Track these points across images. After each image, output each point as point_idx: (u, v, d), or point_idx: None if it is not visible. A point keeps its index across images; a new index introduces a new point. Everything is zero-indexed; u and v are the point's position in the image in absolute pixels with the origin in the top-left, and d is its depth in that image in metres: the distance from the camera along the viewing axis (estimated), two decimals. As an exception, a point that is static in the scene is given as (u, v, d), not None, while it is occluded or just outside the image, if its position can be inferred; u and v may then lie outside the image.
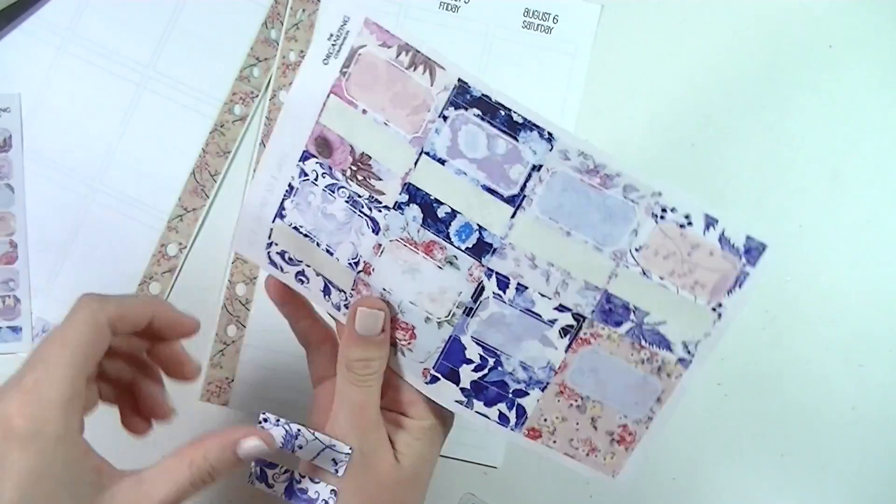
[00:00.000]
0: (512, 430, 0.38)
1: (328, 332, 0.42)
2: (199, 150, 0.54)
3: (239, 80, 0.54)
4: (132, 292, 0.52)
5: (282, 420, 0.35)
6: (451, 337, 0.37)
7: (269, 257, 0.39)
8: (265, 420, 0.35)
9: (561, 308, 0.36)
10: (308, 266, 0.38)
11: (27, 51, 0.54)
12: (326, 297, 0.39)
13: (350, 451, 0.36)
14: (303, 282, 0.39)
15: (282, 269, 0.39)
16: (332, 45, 0.36)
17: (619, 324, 0.36)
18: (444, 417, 0.39)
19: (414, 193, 0.36)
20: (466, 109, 0.35)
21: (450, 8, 0.55)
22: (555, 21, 0.55)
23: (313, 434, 0.35)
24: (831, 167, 0.56)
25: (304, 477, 0.37)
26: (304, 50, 0.54)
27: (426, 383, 0.38)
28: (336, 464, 0.36)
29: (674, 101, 0.56)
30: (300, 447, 0.35)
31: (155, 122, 0.54)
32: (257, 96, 0.54)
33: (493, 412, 0.38)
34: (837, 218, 0.55)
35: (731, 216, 0.35)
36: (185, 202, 0.53)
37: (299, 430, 0.35)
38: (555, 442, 0.38)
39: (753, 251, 0.35)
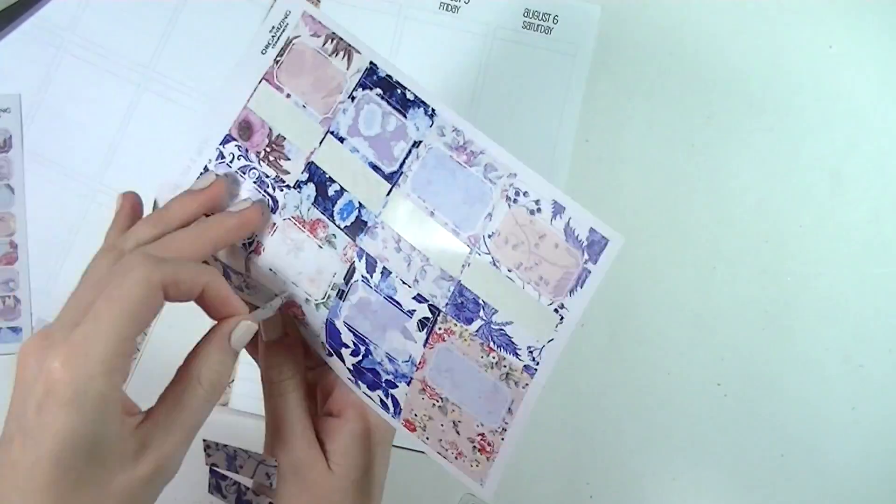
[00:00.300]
0: (393, 417, 0.38)
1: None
2: (199, 150, 0.54)
3: (239, 81, 0.54)
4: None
5: (221, 444, 0.36)
6: (327, 320, 0.37)
7: None
8: (208, 447, 0.36)
9: (419, 298, 0.36)
10: None
11: (27, 51, 0.54)
12: (228, 280, 0.38)
13: (275, 465, 0.36)
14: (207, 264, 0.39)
15: None
16: (272, 36, 0.38)
17: (469, 321, 0.35)
18: (378, 423, 0.38)
19: (314, 172, 0.37)
20: (371, 89, 0.37)
21: (450, 8, 0.55)
22: (555, 21, 0.55)
23: (247, 453, 0.36)
24: (831, 167, 0.56)
25: (248, 489, 0.37)
26: None
27: (327, 355, 0.38)
28: (269, 477, 0.36)
29: (674, 101, 0.56)
30: (240, 467, 0.36)
31: (155, 122, 0.54)
32: (257, 96, 0.54)
33: (375, 397, 0.38)
34: (837, 218, 0.55)
35: (578, 206, 0.34)
36: (185, 202, 0.53)
37: (236, 450, 0.36)
38: (427, 439, 0.37)
39: (595, 245, 0.34)
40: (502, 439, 0.36)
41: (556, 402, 0.53)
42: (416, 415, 0.37)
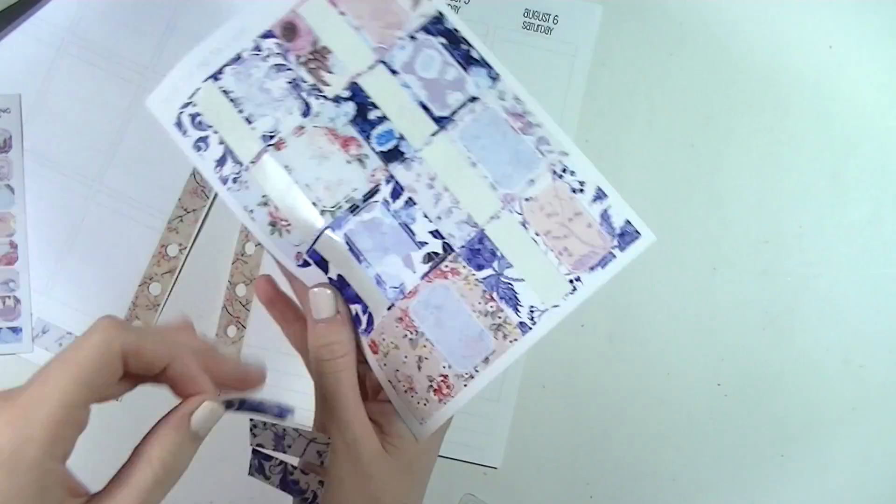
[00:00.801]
0: (361, 333, 0.39)
1: None
2: (199, 150, 0.54)
3: (239, 81, 0.54)
4: (133, 294, 0.52)
5: (269, 423, 0.35)
6: (326, 227, 0.38)
7: (179, 117, 0.40)
8: (254, 426, 0.35)
9: (436, 234, 0.38)
10: (216, 133, 0.39)
11: (27, 51, 0.54)
12: (218, 167, 0.39)
13: (328, 442, 0.36)
14: (199, 148, 0.40)
15: (185, 133, 0.40)
16: None
17: (480, 267, 0.37)
18: None
19: (356, 92, 0.39)
20: (435, 36, 0.39)
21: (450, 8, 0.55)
22: (555, 21, 0.55)
23: (297, 432, 0.36)
24: (831, 167, 0.56)
25: (296, 469, 0.37)
26: None
27: (297, 266, 0.39)
28: (320, 455, 0.36)
29: (674, 101, 0.56)
30: (289, 446, 0.36)
31: (155, 123, 0.54)
32: (257, 97, 0.54)
33: (352, 309, 0.39)
34: (837, 218, 0.55)
35: (620, 198, 0.37)
36: (185, 203, 0.53)
37: (284, 429, 0.36)
38: (385, 365, 0.38)
39: (627, 236, 0.37)
40: (465, 385, 0.37)
41: (556, 402, 0.53)
42: (384, 339, 0.38)
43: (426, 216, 0.38)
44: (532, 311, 0.37)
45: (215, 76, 0.40)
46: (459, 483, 0.52)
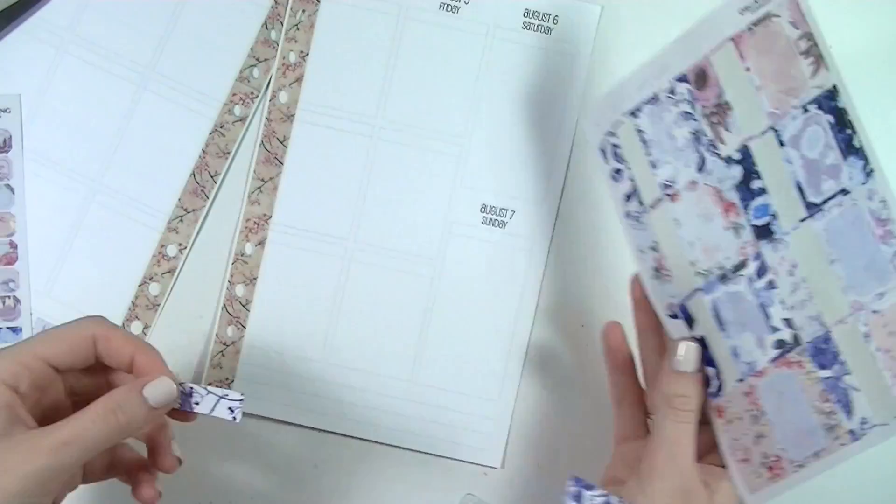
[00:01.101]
0: (710, 396, 0.40)
1: (641, 394, 0.44)
2: (198, 150, 0.54)
3: (239, 81, 0.54)
4: (133, 294, 0.52)
5: (183, 384, 0.38)
6: (697, 289, 0.40)
7: (602, 143, 0.42)
8: (182, 385, 0.38)
9: (788, 323, 0.39)
10: (628, 168, 0.41)
11: (27, 51, 0.54)
12: (626, 201, 0.42)
13: (242, 398, 0.38)
14: (615, 179, 0.42)
15: (605, 159, 0.42)
16: (754, 1, 0.39)
17: (822, 367, 0.38)
18: None
19: (746, 157, 0.39)
20: (825, 113, 0.38)
21: (450, 8, 0.55)
22: (555, 22, 0.55)
23: (206, 389, 0.38)
24: (831, 167, 0.56)
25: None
26: (304, 50, 0.54)
27: (667, 315, 0.41)
28: (232, 412, 0.38)
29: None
30: (196, 403, 0.38)
31: (155, 123, 0.54)
32: (257, 97, 0.54)
33: (707, 371, 0.41)
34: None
35: None
36: (184, 203, 0.53)
37: (192, 387, 0.38)
38: (727, 431, 0.40)
39: None
40: (794, 472, 0.39)
41: (556, 402, 0.53)
42: (730, 407, 0.40)
43: (782, 302, 0.39)
44: (863, 423, 0.38)
45: (634, 112, 0.41)
46: (459, 482, 0.52)
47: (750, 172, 0.39)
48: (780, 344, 0.39)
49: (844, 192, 0.37)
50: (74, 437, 0.33)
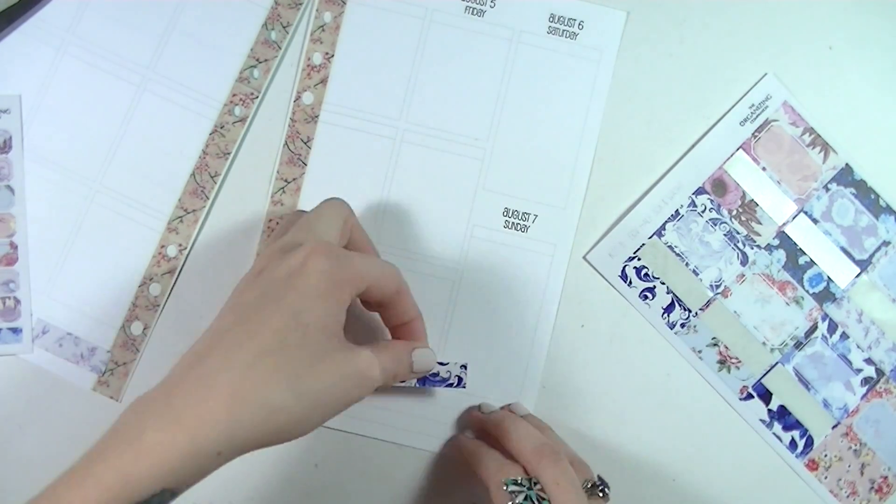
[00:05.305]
0: (797, 457, 0.46)
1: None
2: (198, 151, 0.54)
3: (239, 82, 0.54)
4: (133, 294, 0.52)
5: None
6: (776, 363, 0.46)
7: (623, 270, 0.48)
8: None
9: (868, 361, 0.46)
10: (662, 283, 0.47)
11: (27, 51, 0.54)
12: (665, 313, 0.48)
13: (465, 364, 0.46)
14: (646, 297, 0.48)
15: (629, 283, 0.48)
16: (752, 112, 0.47)
17: None
18: None
19: (784, 240, 0.46)
20: (845, 187, 0.46)
21: (475, 12, 0.55)
22: (580, 27, 0.55)
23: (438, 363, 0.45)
24: (831, 167, 0.56)
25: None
26: (329, 52, 0.54)
27: (740, 399, 0.47)
28: (461, 380, 0.46)
29: (673, 103, 0.56)
30: (435, 375, 0.45)
31: (155, 123, 0.54)
32: (257, 97, 0.54)
33: (786, 437, 0.46)
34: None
35: None
36: (184, 203, 0.53)
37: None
38: (826, 478, 0.46)
39: None
40: None
41: (555, 402, 0.53)
42: (825, 455, 0.46)
43: (859, 346, 0.46)
44: None
45: (658, 233, 0.47)
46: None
47: (793, 252, 0.45)
48: (867, 381, 0.45)
49: (886, 243, 0.45)
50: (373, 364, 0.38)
